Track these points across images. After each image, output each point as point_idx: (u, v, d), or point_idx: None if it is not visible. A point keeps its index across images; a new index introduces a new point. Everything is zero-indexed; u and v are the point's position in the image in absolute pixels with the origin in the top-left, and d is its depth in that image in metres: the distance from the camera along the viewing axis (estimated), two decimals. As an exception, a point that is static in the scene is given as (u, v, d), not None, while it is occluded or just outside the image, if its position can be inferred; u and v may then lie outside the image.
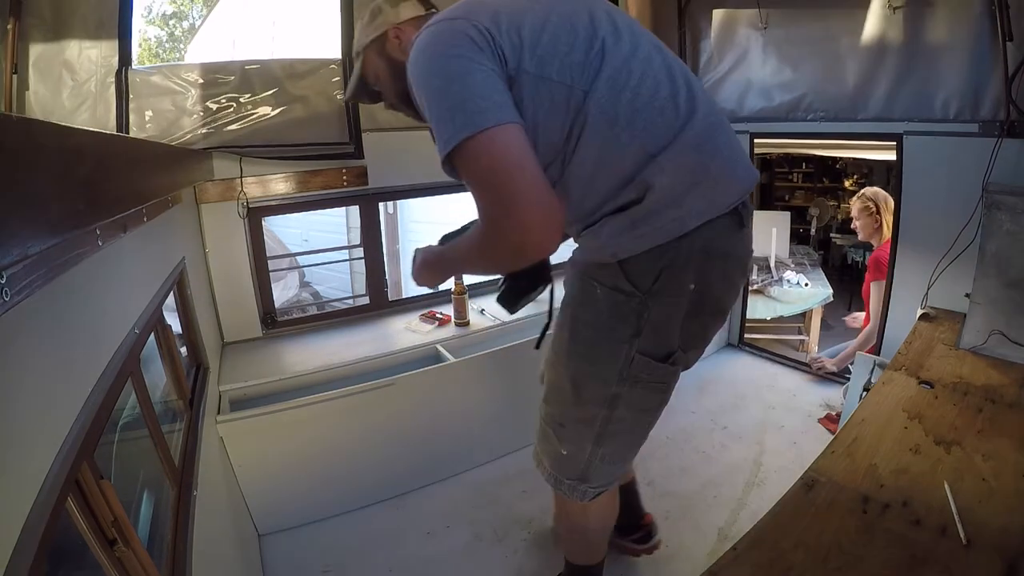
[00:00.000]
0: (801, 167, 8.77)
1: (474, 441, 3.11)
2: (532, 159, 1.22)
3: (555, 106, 1.33)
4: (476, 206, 1.28)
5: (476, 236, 1.37)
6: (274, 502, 2.61)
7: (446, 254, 1.67)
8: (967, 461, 1.75)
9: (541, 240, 1.24)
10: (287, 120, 3.04)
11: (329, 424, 2.68)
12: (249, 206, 3.10)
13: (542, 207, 1.20)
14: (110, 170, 1.11)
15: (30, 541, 0.76)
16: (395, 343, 3.19)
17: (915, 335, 2.76)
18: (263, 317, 3.29)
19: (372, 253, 3.61)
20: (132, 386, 1.44)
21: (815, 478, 1.68)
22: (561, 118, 1.34)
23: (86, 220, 0.93)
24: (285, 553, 2.39)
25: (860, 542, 1.43)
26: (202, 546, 1.58)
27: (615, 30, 1.42)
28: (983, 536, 1.42)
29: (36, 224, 0.70)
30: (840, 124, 3.53)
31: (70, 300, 1.08)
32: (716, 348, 4.48)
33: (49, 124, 0.79)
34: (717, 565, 1.40)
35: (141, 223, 1.48)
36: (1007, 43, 2.70)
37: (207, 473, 1.94)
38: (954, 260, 2.89)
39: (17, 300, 0.66)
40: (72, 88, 2.65)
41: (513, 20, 1.33)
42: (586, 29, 1.37)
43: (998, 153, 2.72)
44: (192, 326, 2.45)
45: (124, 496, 1.21)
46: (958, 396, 2.15)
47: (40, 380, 0.92)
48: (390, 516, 2.78)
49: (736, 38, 3.99)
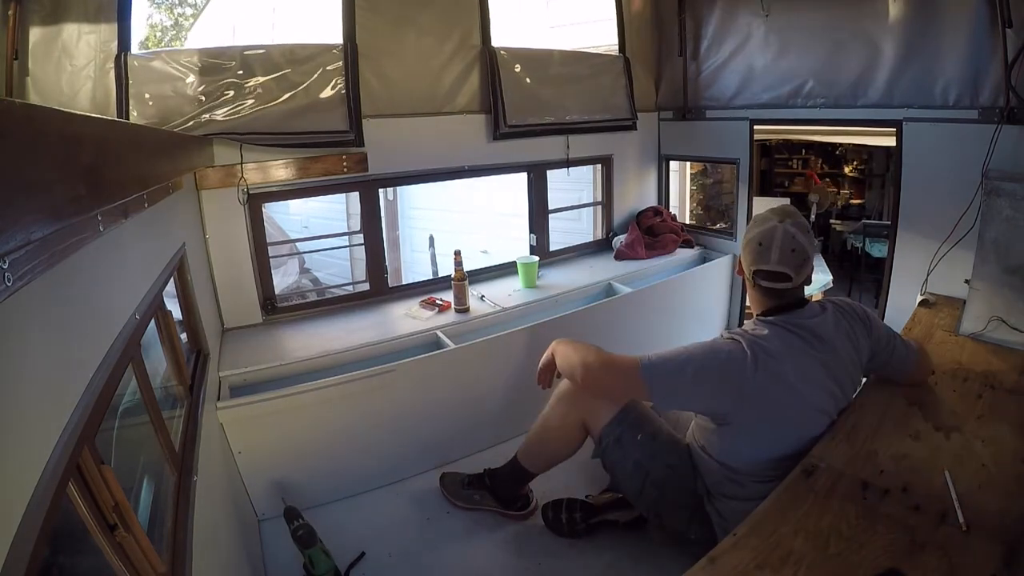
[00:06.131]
0: (800, 153, 8.75)
1: (474, 427, 3.11)
2: None
3: None
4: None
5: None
6: (273, 487, 2.61)
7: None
8: (967, 447, 1.76)
9: None
10: (288, 106, 3.02)
11: (329, 410, 2.69)
12: (249, 192, 3.09)
13: None
14: (111, 156, 1.11)
15: (32, 525, 0.76)
16: (395, 329, 3.19)
17: (915, 321, 2.77)
18: (263, 303, 3.29)
19: (372, 239, 3.60)
20: (133, 372, 1.43)
21: (815, 464, 1.69)
22: None
23: (87, 206, 0.93)
24: (285, 538, 2.39)
25: (860, 528, 1.44)
26: (202, 531, 1.59)
27: None
28: (982, 521, 1.43)
29: (38, 210, 0.70)
30: (840, 111, 3.53)
31: (72, 285, 1.08)
32: (715, 332, 4.48)
33: (51, 110, 0.79)
34: (717, 551, 1.41)
35: (142, 209, 1.48)
36: (1006, 30, 2.70)
37: (207, 458, 1.94)
38: (954, 246, 2.90)
39: (19, 285, 0.66)
40: (71, 73, 2.63)
41: None
42: None
43: (997, 139, 2.72)
44: (192, 312, 2.44)
45: (125, 481, 1.21)
46: (957, 382, 2.16)
47: (42, 365, 0.92)
48: (389, 501, 2.78)
49: (737, 24, 3.99)
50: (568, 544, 2.48)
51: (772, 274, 1.85)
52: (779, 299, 1.89)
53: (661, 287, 3.98)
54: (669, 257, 4.36)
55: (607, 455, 2.23)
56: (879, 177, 8.20)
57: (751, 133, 4.08)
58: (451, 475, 2.78)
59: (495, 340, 3.08)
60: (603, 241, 4.61)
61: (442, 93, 3.61)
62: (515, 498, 2.63)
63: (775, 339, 1.80)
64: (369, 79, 3.26)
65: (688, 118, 4.47)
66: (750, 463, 1.88)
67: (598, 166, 4.56)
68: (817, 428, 1.84)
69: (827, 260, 6.20)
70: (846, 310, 1.96)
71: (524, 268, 3.75)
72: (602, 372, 1.99)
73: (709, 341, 1.87)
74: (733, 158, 4.24)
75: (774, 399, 1.79)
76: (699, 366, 1.81)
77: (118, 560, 1.07)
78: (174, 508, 1.51)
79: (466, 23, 3.61)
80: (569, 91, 4.08)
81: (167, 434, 1.64)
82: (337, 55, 3.14)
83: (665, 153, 4.80)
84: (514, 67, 3.79)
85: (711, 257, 4.44)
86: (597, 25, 5.20)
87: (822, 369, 1.83)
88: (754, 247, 1.88)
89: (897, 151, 3.27)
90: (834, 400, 1.88)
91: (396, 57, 3.38)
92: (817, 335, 1.83)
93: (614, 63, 4.34)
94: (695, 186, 7.30)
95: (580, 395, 2.28)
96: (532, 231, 4.25)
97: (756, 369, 1.75)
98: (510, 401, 3.14)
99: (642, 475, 2.14)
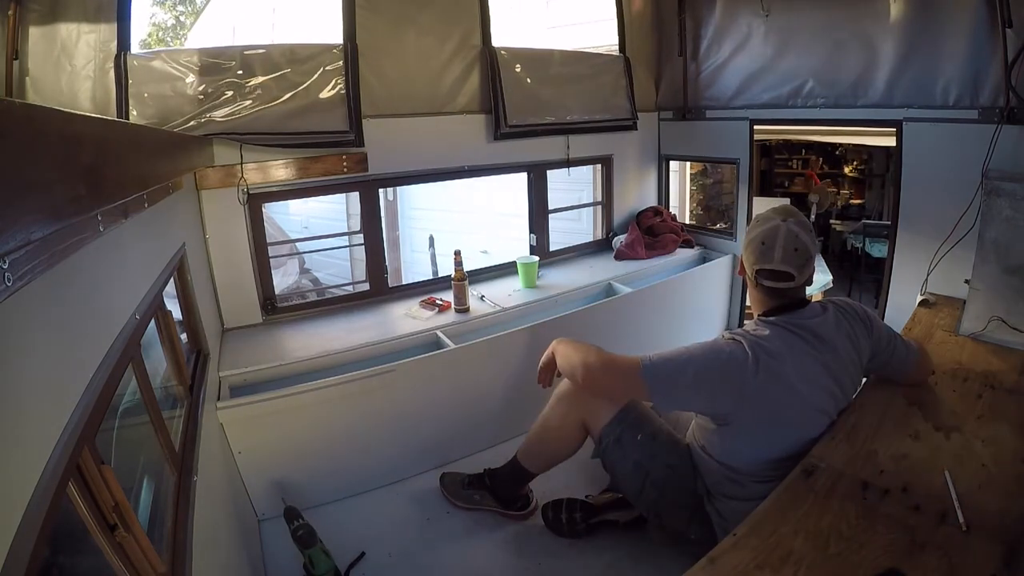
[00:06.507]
0: (800, 153, 8.75)
1: (474, 427, 3.11)
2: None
3: None
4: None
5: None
6: (273, 487, 2.62)
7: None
8: (967, 447, 1.76)
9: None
10: (288, 106, 3.02)
11: (329, 410, 2.69)
12: (249, 192, 3.09)
13: None
14: (111, 156, 1.11)
15: (32, 525, 0.76)
16: (395, 329, 3.19)
17: (914, 321, 2.77)
18: (263, 303, 3.29)
19: (372, 239, 3.60)
20: (133, 372, 1.43)
21: (815, 464, 1.69)
22: None
23: (87, 206, 0.93)
24: (285, 538, 2.39)
25: (860, 528, 1.44)
26: (202, 531, 1.59)
27: None
28: (982, 521, 1.43)
29: (38, 210, 0.70)
30: (840, 111, 3.53)
31: (72, 286, 1.08)
32: (715, 332, 4.48)
33: (51, 110, 0.79)
34: (717, 551, 1.41)
35: (142, 209, 1.48)
36: (1006, 30, 2.70)
37: (207, 458, 1.94)
38: (954, 246, 2.90)
39: (19, 285, 0.66)
40: (70, 73, 2.63)
41: None
42: None
43: (998, 139, 2.72)
44: (192, 312, 2.44)
45: (125, 481, 1.21)
46: (957, 382, 2.16)
47: (42, 365, 0.92)
48: (389, 501, 2.78)
49: (737, 24, 3.99)
50: (568, 544, 2.48)
51: (775, 273, 1.85)
52: (781, 299, 1.90)
53: (661, 287, 3.98)
54: (669, 257, 4.36)
55: (607, 455, 2.23)
56: (879, 177, 8.21)
57: (751, 133, 4.08)
58: (451, 475, 2.78)
59: (495, 340, 3.08)
60: (603, 241, 4.61)
61: (442, 93, 3.61)
62: (515, 498, 2.63)
63: (776, 339, 1.80)
64: (369, 79, 3.26)
65: (688, 118, 4.47)
66: (750, 463, 1.88)
67: (598, 166, 4.56)
68: (817, 428, 1.84)
69: (827, 260, 6.20)
70: (847, 310, 1.96)
71: (524, 268, 3.75)
72: (602, 372, 2.00)
73: (710, 341, 1.87)
74: (733, 158, 4.24)
75: (775, 400, 1.79)
76: (700, 367, 1.81)
77: (118, 560, 1.07)
78: (174, 508, 1.51)
79: (466, 23, 3.61)
80: (569, 91, 4.08)
81: (167, 434, 1.64)
82: (337, 55, 3.13)
83: (665, 153, 4.80)
84: (515, 67, 3.79)
85: (711, 257, 4.44)
86: (597, 25, 5.21)
87: (823, 369, 1.83)
88: (757, 246, 1.88)
89: (897, 151, 3.28)
90: (834, 400, 1.88)
91: (396, 57, 3.38)
92: (818, 335, 1.83)
93: (614, 63, 4.34)
94: (695, 186, 7.30)
95: (580, 395, 2.28)
96: (532, 231, 4.25)
97: (757, 370, 1.75)
98: (510, 401, 3.14)
99: (642, 475, 2.14)
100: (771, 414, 1.81)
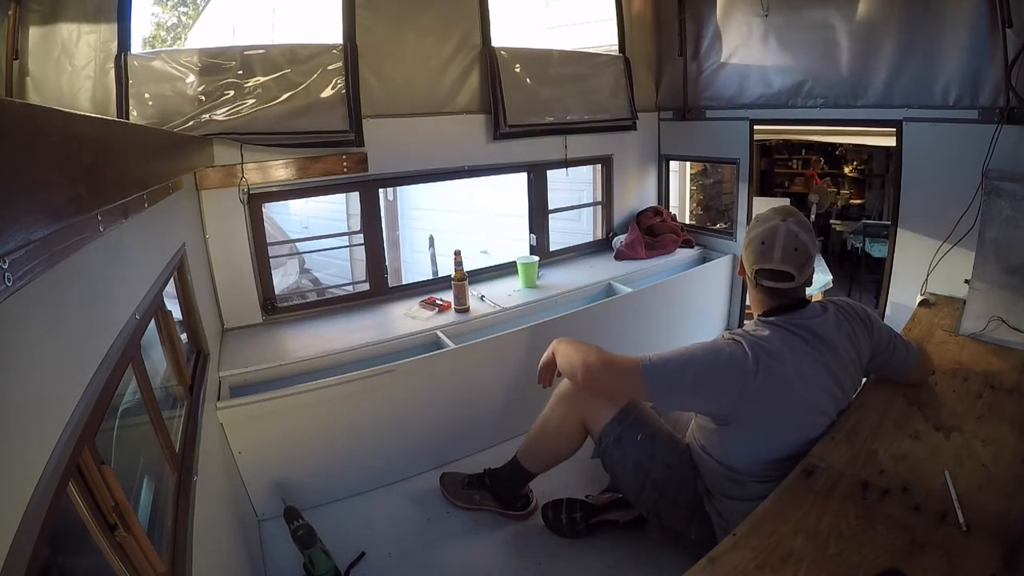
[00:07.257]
0: (800, 153, 8.75)
1: (474, 427, 3.12)
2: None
3: None
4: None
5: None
6: (273, 487, 2.62)
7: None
8: (967, 447, 1.76)
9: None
10: (288, 106, 3.02)
11: (329, 410, 2.69)
12: (250, 192, 3.08)
13: None
14: (111, 156, 1.11)
15: (32, 525, 0.76)
16: (395, 329, 3.19)
17: (914, 321, 2.77)
18: (263, 303, 3.28)
19: (372, 239, 3.60)
20: (133, 372, 1.43)
21: (815, 464, 1.69)
22: None
23: (87, 206, 0.93)
24: (285, 538, 2.39)
25: (860, 528, 1.44)
26: (202, 531, 1.59)
27: None
28: (982, 521, 1.43)
29: (38, 210, 0.70)
30: (840, 111, 3.53)
31: (72, 286, 1.08)
32: (715, 332, 4.48)
33: (51, 110, 0.79)
34: (717, 551, 1.41)
35: (142, 209, 1.48)
36: (1006, 29, 2.70)
37: (207, 459, 1.94)
38: (954, 246, 2.90)
39: (19, 285, 0.66)
40: (70, 73, 2.63)
41: None
42: None
43: (998, 139, 2.72)
44: (192, 312, 2.44)
45: (125, 481, 1.21)
46: (957, 382, 2.16)
47: (42, 365, 0.92)
48: (389, 501, 2.78)
49: (737, 24, 3.99)
50: (568, 544, 2.48)
51: (775, 273, 1.85)
52: (781, 299, 1.89)
53: (661, 287, 3.98)
54: (669, 257, 4.35)
55: (607, 455, 2.23)
56: (879, 177, 8.21)
57: (751, 133, 4.08)
58: (451, 475, 2.78)
59: (495, 340, 3.08)
60: (603, 241, 4.61)
61: (442, 93, 3.61)
62: (515, 498, 2.63)
63: (776, 340, 1.80)
64: (369, 79, 3.26)
65: (688, 118, 4.47)
66: (750, 463, 1.88)
67: (598, 166, 4.56)
68: (817, 429, 1.84)
69: (827, 260, 6.20)
70: (847, 310, 1.96)
71: (524, 268, 3.75)
72: (603, 372, 2.00)
73: (710, 341, 1.87)
74: (733, 158, 4.24)
75: (775, 400, 1.79)
76: (700, 367, 1.81)
77: (118, 560, 1.07)
78: (174, 508, 1.51)
79: (466, 23, 3.61)
80: (569, 91, 4.08)
81: (167, 434, 1.64)
82: (337, 55, 3.13)
83: (665, 153, 4.79)
84: (514, 67, 3.79)
85: (711, 257, 4.44)
86: (597, 25, 5.21)
87: (823, 370, 1.83)
88: (756, 246, 1.88)
89: (897, 151, 3.28)
90: (834, 401, 1.88)
91: (396, 57, 3.38)
92: (818, 336, 1.83)
93: (614, 63, 4.34)
94: (695, 186, 7.30)
95: (580, 395, 2.28)
96: (532, 231, 4.25)
97: (757, 370, 1.75)
98: (510, 401, 3.14)
99: (642, 475, 2.14)
100: (771, 414, 1.81)
